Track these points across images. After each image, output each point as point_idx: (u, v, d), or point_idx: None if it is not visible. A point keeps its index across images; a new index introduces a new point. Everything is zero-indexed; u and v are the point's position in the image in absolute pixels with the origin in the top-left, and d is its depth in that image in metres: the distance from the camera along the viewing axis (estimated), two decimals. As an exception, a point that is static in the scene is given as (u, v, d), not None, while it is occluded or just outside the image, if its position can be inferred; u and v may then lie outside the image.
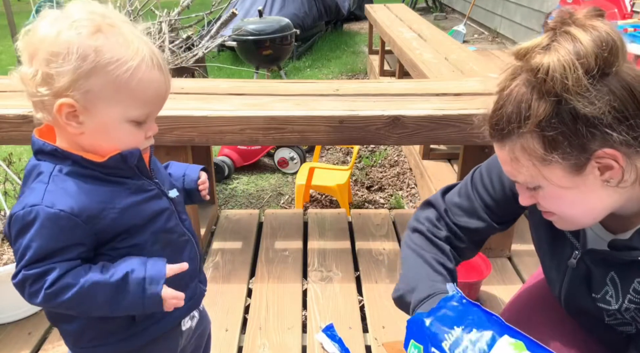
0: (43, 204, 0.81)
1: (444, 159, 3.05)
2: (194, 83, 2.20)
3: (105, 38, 0.79)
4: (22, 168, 1.13)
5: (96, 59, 0.78)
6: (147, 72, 0.83)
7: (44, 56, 0.77)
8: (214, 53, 6.47)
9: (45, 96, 0.79)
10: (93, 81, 0.79)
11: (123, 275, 0.84)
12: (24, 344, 1.61)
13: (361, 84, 2.33)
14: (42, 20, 0.80)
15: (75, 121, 0.81)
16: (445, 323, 0.96)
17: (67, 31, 0.77)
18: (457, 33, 6.74)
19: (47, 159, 0.85)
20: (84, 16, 0.79)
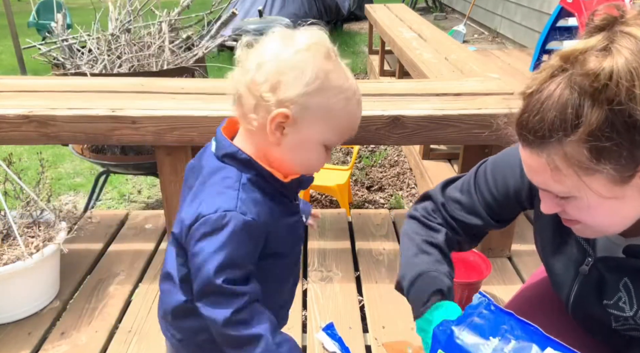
0: (237, 211, 0.85)
1: (444, 159, 3.05)
2: (194, 83, 2.20)
3: (333, 66, 0.87)
4: (22, 168, 1.13)
5: (324, 81, 0.85)
6: (354, 106, 0.90)
7: (278, 69, 0.84)
8: (214, 53, 6.47)
9: (269, 102, 0.84)
10: (314, 100, 0.85)
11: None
12: (24, 344, 1.61)
13: (361, 84, 2.33)
14: (273, 36, 0.88)
15: (281, 131, 0.87)
16: (479, 332, 0.91)
17: (305, 51, 0.85)
18: (457, 33, 6.74)
19: (234, 164, 0.90)
20: (318, 41, 0.87)
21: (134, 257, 2.06)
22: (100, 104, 1.82)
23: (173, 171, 1.89)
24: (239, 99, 0.90)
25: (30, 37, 5.28)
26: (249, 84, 0.86)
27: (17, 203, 1.83)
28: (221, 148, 0.92)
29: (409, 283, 1.07)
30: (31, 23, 7.35)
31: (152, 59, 2.63)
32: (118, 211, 2.90)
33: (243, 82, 0.88)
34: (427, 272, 1.06)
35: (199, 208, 0.87)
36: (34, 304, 1.73)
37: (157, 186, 3.26)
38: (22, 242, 1.65)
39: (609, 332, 0.99)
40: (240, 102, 0.89)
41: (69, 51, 2.65)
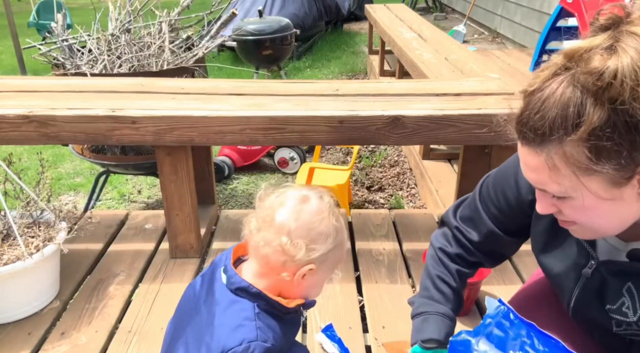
0: (259, 340, 0.97)
1: (444, 159, 3.05)
2: (194, 83, 2.20)
3: (340, 226, 1.05)
4: (22, 168, 1.13)
5: (338, 240, 1.03)
6: (346, 246, 1.10)
7: (309, 235, 0.99)
8: (214, 53, 6.47)
9: (300, 261, 1.00)
10: (331, 254, 1.03)
11: None
12: (24, 344, 1.61)
13: (361, 84, 2.33)
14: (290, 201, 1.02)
15: (301, 278, 1.02)
16: (499, 345, 0.88)
17: (327, 219, 1.02)
18: (457, 33, 6.74)
19: (246, 297, 1.02)
20: (331, 205, 1.05)
21: (134, 257, 2.06)
22: (100, 104, 1.82)
23: (173, 171, 1.89)
24: (265, 252, 1.01)
25: (30, 37, 5.28)
26: (283, 247, 0.99)
27: (17, 203, 1.84)
28: (233, 283, 1.04)
29: (416, 313, 1.21)
30: (31, 23, 7.35)
31: (152, 59, 2.63)
32: (118, 211, 2.90)
33: (275, 243, 1.00)
34: (435, 316, 1.18)
35: (222, 342, 0.97)
36: (34, 304, 1.73)
37: (157, 186, 3.26)
38: (22, 242, 1.65)
39: (609, 335, 0.98)
40: (267, 255, 1.01)
41: (69, 51, 2.65)
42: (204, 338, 1.01)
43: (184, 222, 1.99)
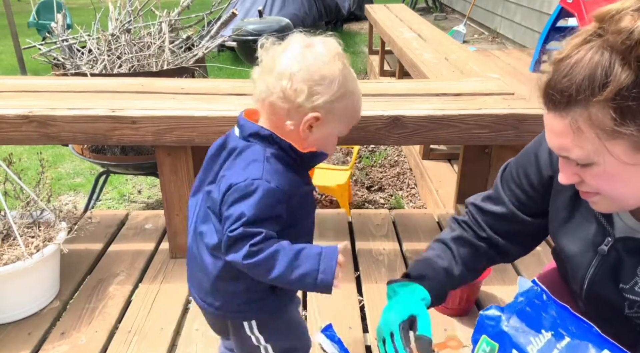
0: (263, 179, 0.99)
1: (444, 159, 3.05)
2: (194, 83, 2.20)
3: (348, 72, 1.03)
4: (22, 168, 1.14)
5: (344, 89, 1.02)
6: (360, 103, 1.10)
7: (311, 79, 0.98)
8: (214, 53, 6.47)
9: (303, 108, 1.00)
10: (337, 104, 1.02)
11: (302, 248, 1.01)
12: (24, 344, 1.61)
13: (361, 84, 2.33)
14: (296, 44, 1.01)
15: (310, 129, 1.04)
16: (530, 324, 0.87)
17: (331, 63, 1.00)
18: (457, 33, 6.74)
19: (257, 141, 1.04)
20: (337, 51, 1.02)
21: (134, 257, 2.06)
22: (100, 104, 1.82)
23: (173, 171, 1.89)
24: (269, 101, 1.02)
25: (30, 37, 5.28)
26: (285, 92, 0.99)
27: (17, 203, 1.83)
28: (246, 129, 1.05)
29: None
30: (31, 23, 7.35)
31: (152, 59, 2.63)
32: (118, 211, 2.90)
33: (276, 88, 1.00)
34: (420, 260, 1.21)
35: (229, 179, 1.01)
36: (34, 304, 1.73)
37: (157, 186, 3.26)
38: (22, 242, 1.65)
39: (621, 320, 0.98)
40: (272, 104, 1.02)
41: (69, 51, 2.65)
42: (219, 182, 1.05)
43: (184, 222, 1.99)
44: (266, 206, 0.99)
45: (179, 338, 1.66)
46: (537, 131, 1.77)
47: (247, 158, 1.03)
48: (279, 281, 1.02)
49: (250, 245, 0.97)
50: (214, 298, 1.16)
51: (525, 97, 1.94)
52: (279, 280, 1.01)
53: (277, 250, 0.99)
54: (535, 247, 1.23)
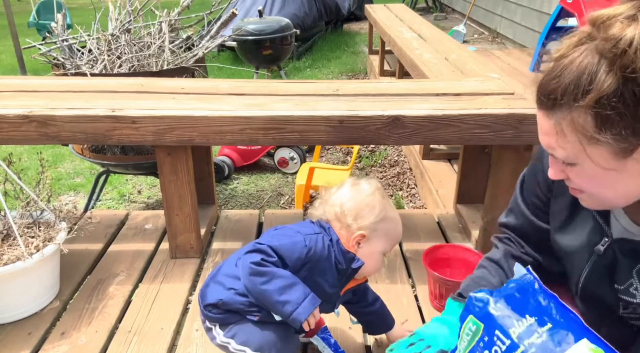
0: (305, 240, 1.26)
1: (444, 159, 3.05)
2: (194, 83, 2.20)
3: (387, 203, 1.32)
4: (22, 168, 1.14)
5: (385, 214, 1.29)
6: (399, 228, 1.34)
7: (356, 206, 1.28)
8: (214, 53, 6.47)
9: (351, 226, 1.28)
10: (379, 225, 1.29)
11: (297, 282, 1.24)
12: (24, 344, 1.61)
13: (361, 84, 2.33)
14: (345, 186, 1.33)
15: (357, 244, 1.30)
16: (516, 308, 0.90)
17: (372, 196, 1.29)
18: (457, 33, 6.74)
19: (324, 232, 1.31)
20: (377, 187, 1.32)
21: (134, 257, 2.06)
22: (100, 104, 1.82)
23: (173, 171, 1.89)
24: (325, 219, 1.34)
25: (30, 37, 5.28)
26: (338, 216, 1.30)
27: (17, 203, 1.84)
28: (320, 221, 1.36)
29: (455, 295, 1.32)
30: (31, 23, 7.35)
31: (152, 59, 2.63)
32: (118, 211, 2.90)
33: (331, 213, 1.31)
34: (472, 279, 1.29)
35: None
36: (34, 304, 1.73)
37: (157, 186, 3.26)
38: (22, 242, 1.65)
39: (616, 320, 0.99)
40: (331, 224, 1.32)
41: (69, 51, 2.65)
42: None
43: (184, 222, 1.99)
44: (291, 250, 1.24)
45: (179, 338, 1.66)
46: (537, 131, 1.78)
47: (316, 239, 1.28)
48: (265, 295, 1.22)
49: (263, 258, 1.21)
50: (218, 293, 1.35)
51: (526, 97, 1.94)
52: (265, 293, 1.21)
53: (280, 274, 1.21)
54: None
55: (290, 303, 1.20)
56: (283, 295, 1.20)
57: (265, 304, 1.25)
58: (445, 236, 2.22)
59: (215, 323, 1.35)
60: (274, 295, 1.20)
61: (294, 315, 1.20)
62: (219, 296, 1.31)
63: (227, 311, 1.31)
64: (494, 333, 0.90)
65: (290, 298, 1.20)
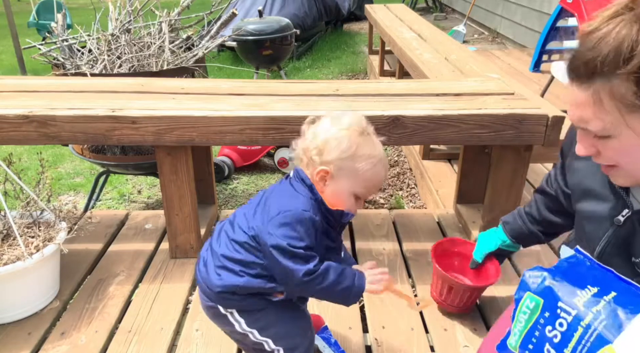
0: (311, 212, 1.18)
1: (444, 159, 3.04)
2: (194, 83, 2.20)
3: (364, 140, 1.20)
4: (22, 168, 1.14)
5: (355, 151, 1.18)
6: (378, 170, 1.22)
7: (324, 139, 1.19)
8: (214, 53, 6.47)
9: (315, 162, 1.20)
10: (347, 163, 1.19)
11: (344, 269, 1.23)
12: (24, 344, 1.61)
13: (361, 84, 2.33)
14: (327, 118, 1.23)
15: (323, 182, 1.22)
16: (575, 281, 0.89)
17: (344, 131, 1.19)
18: (457, 33, 6.73)
19: (302, 184, 1.23)
20: (354, 124, 1.21)
21: (134, 257, 2.06)
22: (100, 104, 1.82)
23: (173, 171, 1.89)
24: (296, 155, 1.27)
25: (30, 37, 5.28)
26: (304, 149, 1.23)
27: (17, 203, 1.83)
28: (300, 173, 1.25)
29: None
30: (31, 23, 7.35)
31: (152, 59, 2.63)
32: (118, 211, 2.90)
33: (301, 147, 1.24)
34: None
35: (282, 206, 1.19)
36: (34, 304, 1.73)
37: (157, 186, 3.26)
38: (22, 242, 1.65)
39: None
40: (299, 157, 1.26)
41: (69, 51, 2.65)
42: (266, 207, 1.23)
43: (184, 222, 1.99)
44: (310, 234, 1.18)
45: (179, 338, 1.66)
46: (537, 131, 1.78)
47: (297, 191, 1.22)
48: (323, 293, 1.22)
49: (314, 265, 1.17)
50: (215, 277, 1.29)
51: (526, 97, 1.94)
52: (323, 291, 1.20)
53: (327, 268, 1.19)
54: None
55: (349, 288, 1.22)
56: (340, 285, 1.20)
57: (322, 298, 1.26)
58: (445, 236, 2.22)
59: (233, 309, 1.29)
60: (334, 290, 1.20)
61: (356, 290, 1.22)
62: (234, 283, 1.24)
63: (248, 295, 1.26)
64: (557, 306, 0.88)
65: (348, 283, 1.21)
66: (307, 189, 1.22)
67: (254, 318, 1.28)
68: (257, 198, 1.32)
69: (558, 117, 1.76)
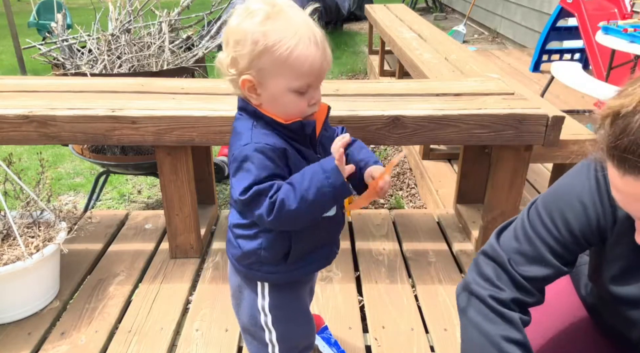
0: (252, 142, 1.01)
1: (444, 159, 3.04)
2: (194, 83, 2.20)
3: (272, 23, 0.97)
4: (22, 168, 1.14)
5: (264, 42, 0.96)
6: (303, 50, 0.98)
7: (231, 44, 0.99)
8: (214, 53, 6.46)
9: (234, 75, 1.01)
10: (263, 60, 0.97)
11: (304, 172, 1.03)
12: (24, 344, 1.61)
13: (361, 84, 2.33)
14: (234, 12, 1.01)
15: (255, 93, 1.03)
16: None
17: (245, 21, 0.97)
18: (457, 33, 6.74)
19: (245, 114, 1.07)
20: (258, 7, 0.98)
21: (134, 257, 2.06)
22: (100, 104, 1.82)
23: (173, 171, 1.89)
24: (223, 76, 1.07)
25: (30, 37, 5.28)
26: (220, 64, 1.04)
27: (17, 203, 1.83)
28: (238, 103, 1.09)
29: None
30: (31, 23, 7.35)
31: (152, 59, 2.63)
32: (118, 211, 2.90)
33: (218, 63, 1.05)
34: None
35: (230, 155, 1.05)
36: (34, 304, 1.73)
37: (157, 186, 3.26)
38: (22, 242, 1.65)
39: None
40: (225, 79, 1.06)
41: (69, 51, 2.65)
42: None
43: (184, 222, 1.99)
44: (264, 165, 1.01)
45: (179, 338, 1.66)
46: (537, 131, 1.78)
47: (237, 131, 1.07)
48: (303, 212, 1.02)
49: (269, 197, 1.01)
50: (235, 255, 1.21)
51: (526, 97, 1.94)
52: (301, 210, 1.01)
53: (287, 188, 1.01)
54: None
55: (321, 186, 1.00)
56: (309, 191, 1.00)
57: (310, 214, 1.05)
58: (445, 236, 2.22)
59: (265, 284, 1.21)
60: (306, 200, 1.00)
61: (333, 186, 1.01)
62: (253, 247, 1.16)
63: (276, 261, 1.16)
64: None
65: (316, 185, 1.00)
66: (248, 116, 1.06)
67: (279, 303, 1.22)
68: None
69: (558, 117, 1.76)
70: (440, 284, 1.91)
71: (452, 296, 1.84)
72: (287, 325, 1.27)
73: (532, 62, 4.95)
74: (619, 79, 3.55)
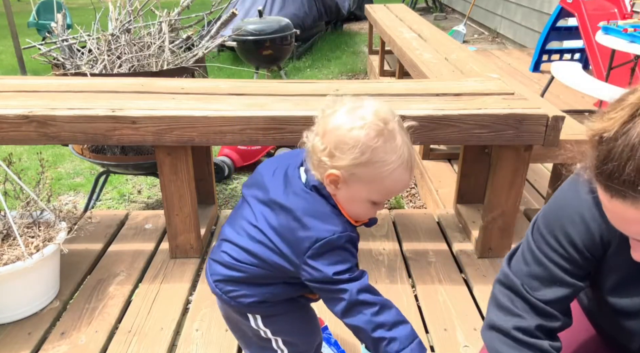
0: (348, 232, 1.06)
1: (444, 159, 3.04)
2: (194, 83, 2.20)
3: (382, 142, 1.01)
4: (22, 168, 1.14)
5: (370, 157, 1.00)
6: (400, 174, 1.04)
7: (336, 140, 1.01)
8: (214, 53, 6.47)
9: (325, 165, 1.04)
10: (361, 169, 1.02)
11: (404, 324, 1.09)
12: (24, 344, 1.61)
13: (361, 84, 2.33)
14: (342, 108, 1.05)
15: (335, 185, 1.06)
16: None
17: (358, 130, 1.00)
18: (457, 33, 6.74)
19: (317, 195, 1.09)
20: (373, 120, 1.01)
21: (134, 257, 2.06)
22: (100, 104, 1.82)
23: (173, 171, 1.89)
24: (307, 148, 1.09)
25: (30, 37, 5.28)
26: (314, 148, 1.06)
27: (17, 203, 1.84)
28: (312, 181, 1.10)
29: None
30: (31, 23, 7.35)
31: (152, 59, 2.63)
32: (118, 211, 2.90)
33: (311, 142, 1.07)
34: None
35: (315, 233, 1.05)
36: (34, 304, 1.73)
37: (157, 186, 3.26)
38: (22, 242, 1.65)
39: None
40: (309, 155, 1.09)
41: (69, 51, 2.65)
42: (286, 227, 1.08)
43: (184, 222, 1.99)
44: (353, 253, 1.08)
45: (179, 338, 1.66)
46: (537, 131, 1.78)
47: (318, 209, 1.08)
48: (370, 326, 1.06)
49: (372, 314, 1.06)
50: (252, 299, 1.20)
51: (525, 97, 1.94)
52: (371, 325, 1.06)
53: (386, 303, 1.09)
54: None
55: (397, 340, 1.05)
56: (393, 331, 1.05)
57: (359, 335, 1.10)
58: (445, 236, 2.22)
59: (257, 316, 1.23)
60: (383, 328, 1.05)
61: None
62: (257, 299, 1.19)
63: (275, 303, 1.21)
64: None
65: (399, 335, 1.05)
66: (321, 199, 1.09)
67: (279, 328, 1.26)
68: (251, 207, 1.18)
69: (558, 117, 1.76)
70: (440, 284, 1.91)
71: (452, 297, 1.84)
72: (295, 338, 1.31)
73: (532, 62, 4.95)
74: (619, 79, 3.55)
